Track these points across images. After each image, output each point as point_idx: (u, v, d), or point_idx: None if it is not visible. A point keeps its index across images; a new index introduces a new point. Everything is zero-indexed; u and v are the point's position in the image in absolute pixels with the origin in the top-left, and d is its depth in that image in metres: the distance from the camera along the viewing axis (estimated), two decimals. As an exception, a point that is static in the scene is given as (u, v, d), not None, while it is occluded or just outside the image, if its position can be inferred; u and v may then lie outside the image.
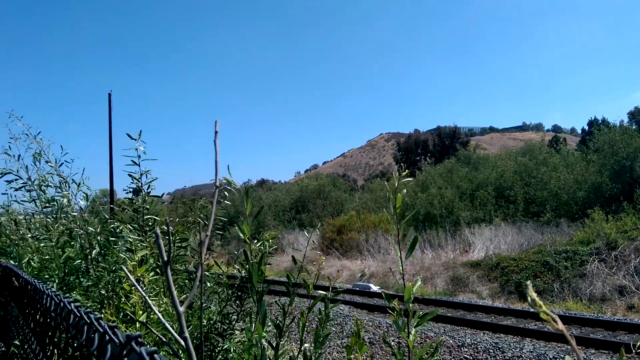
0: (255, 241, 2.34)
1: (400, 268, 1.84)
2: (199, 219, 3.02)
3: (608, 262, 13.94)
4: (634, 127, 36.38)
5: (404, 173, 1.93)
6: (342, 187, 42.24)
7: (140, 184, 3.28)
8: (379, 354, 9.34)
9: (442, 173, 29.31)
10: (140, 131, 3.29)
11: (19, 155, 3.77)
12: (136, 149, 3.26)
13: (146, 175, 3.31)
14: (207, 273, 3.02)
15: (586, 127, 57.64)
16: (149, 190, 3.30)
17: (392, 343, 9.25)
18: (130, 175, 3.26)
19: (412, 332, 1.73)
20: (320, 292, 2.31)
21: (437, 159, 43.96)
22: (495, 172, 26.48)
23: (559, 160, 25.22)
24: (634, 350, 2.20)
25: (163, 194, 3.99)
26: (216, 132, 1.12)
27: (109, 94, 21.46)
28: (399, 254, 1.86)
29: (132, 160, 3.26)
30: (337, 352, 9.74)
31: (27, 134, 3.82)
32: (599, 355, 8.11)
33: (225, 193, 2.85)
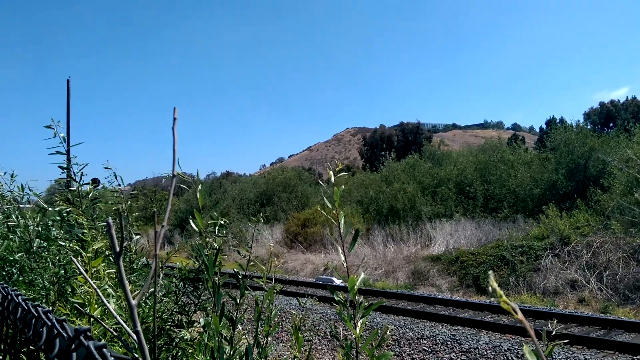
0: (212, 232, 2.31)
1: (343, 261, 1.87)
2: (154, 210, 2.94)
3: (561, 257, 14.50)
4: (588, 127, 37.95)
5: (338, 168, 1.94)
6: (308, 180, 42.25)
7: (72, 173, 3.11)
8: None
9: (405, 168, 29.73)
10: (52, 119, 3.11)
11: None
12: (56, 135, 3.04)
13: (77, 163, 3.13)
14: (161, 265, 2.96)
15: (544, 126, 59.47)
16: (99, 184, 3.17)
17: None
18: (61, 167, 3.09)
19: (359, 323, 1.75)
20: (271, 284, 2.31)
21: (400, 155, 44.54)
22: (457, 168, 27.08)
23: (516, 158, 25.97)
24: (545, 336, 2.29)
25: (98, 182, 3.80)
26: (174, 119, 1.08)
27: (68, 81, 20.75)
28: (341, 249, 1.88)
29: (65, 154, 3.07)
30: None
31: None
32: (544, 346, 8.44)
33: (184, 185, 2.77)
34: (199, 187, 2.12)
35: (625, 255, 13.43)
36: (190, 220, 2.02)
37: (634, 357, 7.80)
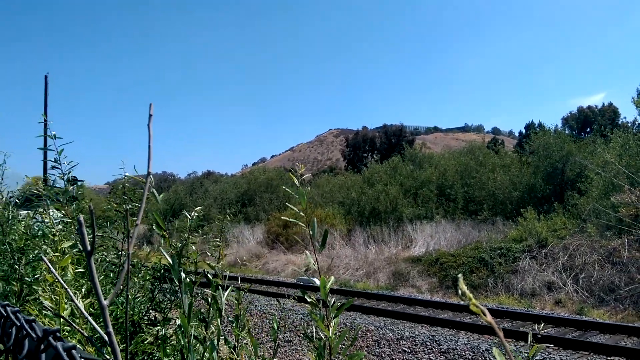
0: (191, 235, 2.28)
1: (314, 262, 1.87)
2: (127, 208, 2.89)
3: (538, 259, 14.72)
4: (566, 132, 38.69)
5: (301, 170, 1.94)
6: (290, 181, 42.04)
7: (61, 171, 3.08)
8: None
9: (387, 170, 29.87)
10: (44, 115, 3.07)
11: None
12: (46, 134, 3.00)
13: (65, 161, 3.09)
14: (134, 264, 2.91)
15: (523, 130, 60.33)
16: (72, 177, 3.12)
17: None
18: (54, 167, 3.05)
19: (332, 323, 1.75)
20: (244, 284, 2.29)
21: (383, 156, 44.72)
22: (438, 171, 27.30)
23: (497, 160, 26.29)
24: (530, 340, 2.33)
25: (83, 181, 3.75)
26: (150, 116, 1.07)
27: (45, 77, 20.47)
28: (312, 250, 1.89)
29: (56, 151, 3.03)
30: (279, 347, 9.73)
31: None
32: (529, 348, 8.56)
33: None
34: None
35: (600, 257, 13.70)
36: (154, 225, 1.96)
37: (608, 358, 7.96)
